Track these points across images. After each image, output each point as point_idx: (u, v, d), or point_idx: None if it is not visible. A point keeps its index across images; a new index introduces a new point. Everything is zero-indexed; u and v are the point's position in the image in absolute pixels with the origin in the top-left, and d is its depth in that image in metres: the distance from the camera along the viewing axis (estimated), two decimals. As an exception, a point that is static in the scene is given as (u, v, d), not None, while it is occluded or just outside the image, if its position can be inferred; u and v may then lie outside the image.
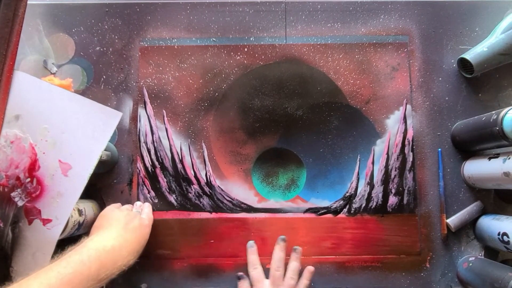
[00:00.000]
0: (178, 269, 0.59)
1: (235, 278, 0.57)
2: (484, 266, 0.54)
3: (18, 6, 0.46)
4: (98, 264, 0.41)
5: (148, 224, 0.54)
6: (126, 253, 0.46)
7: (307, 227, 0.60)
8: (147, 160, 0.60)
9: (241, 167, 0.61)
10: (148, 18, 0.62)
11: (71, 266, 0.39)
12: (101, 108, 0.50)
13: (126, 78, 0.62)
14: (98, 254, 0.42)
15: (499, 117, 0.49)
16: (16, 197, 0.46)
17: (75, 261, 0.40)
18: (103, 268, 0.41)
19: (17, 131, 0.46)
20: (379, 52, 0.62)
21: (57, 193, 0.47)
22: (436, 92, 0.62)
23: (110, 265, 0.42)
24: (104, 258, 0.42)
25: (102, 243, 0.44)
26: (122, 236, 0.47)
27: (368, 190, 0.60)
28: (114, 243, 0.45)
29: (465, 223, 0.58)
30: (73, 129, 0.48)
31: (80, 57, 0.61)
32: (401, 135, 0.61)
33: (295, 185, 0.61)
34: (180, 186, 0.60)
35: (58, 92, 0.48)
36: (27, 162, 0.46)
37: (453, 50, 0.63)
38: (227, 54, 0.62)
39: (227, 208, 0.60)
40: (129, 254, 0.46)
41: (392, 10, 0.63)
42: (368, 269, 0.59)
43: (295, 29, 0.63)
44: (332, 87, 0.62)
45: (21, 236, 0.46)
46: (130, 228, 0.49)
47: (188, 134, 0.61)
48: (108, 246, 0.44)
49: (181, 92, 0.61)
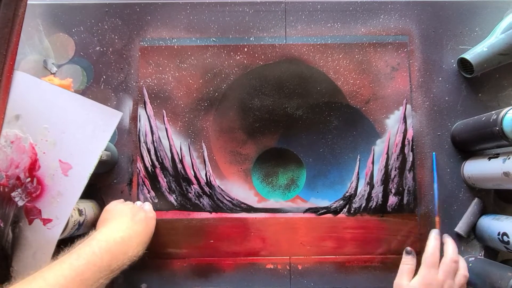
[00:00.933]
0: (178, 269, 0.59)
1: (236, 278, 0.57)
2: (484, 266, 0.54)
3: (18, 6, 0.46)
4: (110, 255, 0.42)
5: (153, 217, 0.55)
6: (135, 244, 0.47)
7: (307, 227, 0.60)
8: (147, 160, 0.60)
9: (241, 167, 0.61)
10: (148, 18, 0.63)
11: (83, 258, 0.40)
12: (101, 108, 0.50)
13: (126, 78, 0.62)
14: (108, 246, 0.43)
15: (499, 117, 0.49)
16: (17, 197, 0.46)
17: (87, 253, 0.40)
18: (115, 259, 0.42)
19: (17, 131, 0.46)
20: (379, 52, 0.62)
21: (57, 193, 0.47)
22: (436, 92, 0.62)
23: (121, 256, 0.43)
24: (114, 249, 0.43)
25: (112, 234, 0.45)
26: (130, 227, 0.48)
27: (368, 190, 0.60)
28: (123, 235, 0.46)
29: (472, 224, 0.58)
30: (73, 129, 0.48)
31: (80, 57, 0.61)
32: (401, 135, 0.61)
33: (295, 185, 0.61)
34: (180, 186, 0.60)
35: (58, 92, 0.48)
36: (27, 162, 0.46)
37: (453, 50, 0.63)
38: (227, 54, 0.62)
39: (227, 208, 0.60)
40: (138, 245, 0.47)
41: (392, 10, 0.63)
42: (368, 269, 0.59)
43: (295, 29, 0.63)
44: (332, 87, 0.62)
45: (21, 236, 0.46)
46: (137, 220, 0.50)
47: (188, 134, 0.61)
48: (117, 238, 0.45)
49: (181, 92, 0.61)
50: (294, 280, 0.59)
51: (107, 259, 0.41)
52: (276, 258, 0.59)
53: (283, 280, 0.58)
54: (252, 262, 0.59)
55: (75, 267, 0.38)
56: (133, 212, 0.51)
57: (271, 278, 0.59)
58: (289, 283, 0.59)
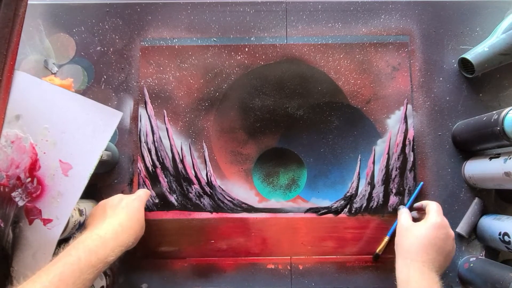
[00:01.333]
0: (178, 269, 0.58)
1: (236, 278, 0.57)
2: (485, 266, 0.54)
3: (18, 6, 0.46)
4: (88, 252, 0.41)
5: (137, 198, 0.52)
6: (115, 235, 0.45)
7: (308, 227, 0.60)
8: (148, 160, 0.60)
9: (241, 167, 0.61)
10: (148, 18, 0.62)
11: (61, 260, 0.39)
12: (102, 108, 0.49)
13: (127, 78, 0.62)
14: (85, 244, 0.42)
15: (500, 117, 0.49)
16: (17, 197, 0.46)
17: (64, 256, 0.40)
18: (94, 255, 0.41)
19: (18, 131, 0.46)
20: (380, 52, 0.62)
21: (57, 193, 0.46)
22: (437, 92, 0.62)
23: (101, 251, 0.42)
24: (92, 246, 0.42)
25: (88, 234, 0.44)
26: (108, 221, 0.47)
27: (369, 190, 0.60)
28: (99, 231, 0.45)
29: (473, 224, 0.58)
30: (73, 129, 0.48)
31: (81, 57, 0.61)
32: (401, 135, 0.61)
33: (296, 185, 0.61)
34: (181, 186, 0.60)
35: (58, 92, 0.48)
36: (27, 162, 0.46)
37: (454, 50, 0.62)
38: (228, 54, 0.62)
39: (228, 208, 0.60)
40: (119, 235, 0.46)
41: (392, 10, 0.63)
42: (369, 269, 0.59)
43: (296, 29, 0.63)
44: (332, 87, 0.62)
45: (21, 236, 0.46)
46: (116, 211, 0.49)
47: (188, 134, 0.61)
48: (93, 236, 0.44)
49: (181, 92, 0.61)
50: (295, 280, 0.59)
51: (85, 257, 0.40)
52: (277, 258, 0.59)
53: (284, 280, 0.58)
54: (253, 262, 0.59)
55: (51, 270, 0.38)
56: (111, 205, 0.50)
57: (272, 278, 0.59)
58: (290, 283, 0.58)
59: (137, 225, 0.49)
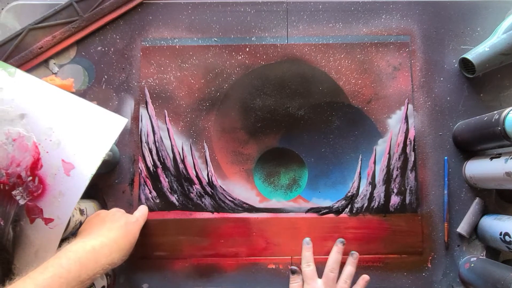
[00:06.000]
0: (179, 269, 0.58)
1: (237, 278, 0.57)
2: (486, 267, 0.54)
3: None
4: (78, 265, 0.39)
5: (136, 222, 0.52)
6: (109, 252, 0.44)
7: (309, 227, 0.59)
8: (149, 160, 0.60)
9: (242, 167, 0.61)
10: (149, 18, 0.63)
11: (49, 271, 0.38)
12: (108, 114, 0.50)
13: (128, 78, 0.62)
14: (77, 256, 0.40)
15: (501, 117, 0.49)
16: (18, 195, 0.46)
17: (54, 265, 0.38)
18: (84, 269, 0.40)
19: (21, 129, 0.46)
20: (381, 52, 0.62)
21: (58, 192, 0.46)
22: (437, 92, 0.62)
23: (91, 265, 0.41)
24: (84, 258, 0.41)
25: (82, 244, 0.43)
26: (104, 234, 0.46)
27: (370, 190, 0.60)
28: (95, 243, 0.43)
29: (474, 224, 0.58)
30: (77, 133, 0.48)
31: (81, 57, 0.61)
32: (402, 135, 0.61)
33: (297, 185, 0.61)
34: (182, 186, 0.60)
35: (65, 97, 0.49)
36: (29, 161, 0.46)
37: (455, 50, 0.63)
38: (229, 54, 0.62)
39: (229, 208, 0.60)
40: (112, 252, 0.45)
41: (393, 10, 0.63)
42: (370, 269, 0.59)
43: (297, 29, 0.63)
44: (333, 87, 0.62)
45: (23, 235, 0.46)
46: (114, 227, 0.48)
47: (189, 134, 0.61)
48: (88, 246, 0.42)
49: (182, 92, 0.61)
50: (296, 280, 0.58)
51: (75, 270, 0.39)
52: (278, 258, 0.59)
53: (285, 280, 0.58)
54: (254, 262, 0.59)
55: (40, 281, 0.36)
56: (111, 219, 0.50)
57: (273, 278, 0.59)
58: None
59: (129, 247, 0.49)
